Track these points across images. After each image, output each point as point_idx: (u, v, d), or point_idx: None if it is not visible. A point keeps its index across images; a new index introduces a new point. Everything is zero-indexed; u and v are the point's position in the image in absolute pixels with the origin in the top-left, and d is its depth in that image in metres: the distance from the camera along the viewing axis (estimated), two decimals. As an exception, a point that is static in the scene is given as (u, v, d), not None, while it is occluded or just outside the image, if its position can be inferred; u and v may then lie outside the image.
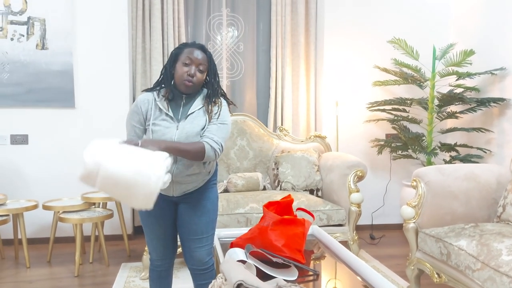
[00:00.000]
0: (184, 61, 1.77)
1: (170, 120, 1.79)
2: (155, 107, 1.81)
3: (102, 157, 1.52)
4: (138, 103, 1.83)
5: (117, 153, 1.54)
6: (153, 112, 1.80)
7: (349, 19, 3.96)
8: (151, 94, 1.84)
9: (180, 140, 1.75)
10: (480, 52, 3.58)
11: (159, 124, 1.78)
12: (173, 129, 1.77)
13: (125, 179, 1.50)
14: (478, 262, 1.98)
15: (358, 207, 3.05)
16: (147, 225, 1.93)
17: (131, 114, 1.83)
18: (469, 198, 2.51)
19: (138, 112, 1.81)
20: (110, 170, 1.50)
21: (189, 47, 1.80)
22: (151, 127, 1.78)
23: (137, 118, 1.81)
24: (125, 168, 1.51)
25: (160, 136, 1.77)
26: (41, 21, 3.49)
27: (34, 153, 3.59)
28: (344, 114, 3.97)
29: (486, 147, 3.54)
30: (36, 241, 3.56)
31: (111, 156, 1.52)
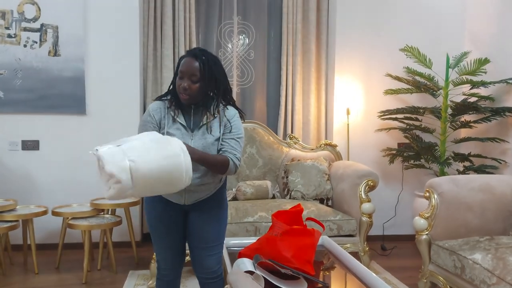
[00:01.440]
0: (179, 73, 1.76)
1: (184, 130, 1.79)
2: (168, 116, 1.79)
3: (126, 162, 1.46)
4: (150, 112, 1.81)
5: (135, 150, 1.50)
6: (166, 121, 1.79)
7: (361, 27, 3.93)
8: (163, 102, 1.83)
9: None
10: (495, 61, 3.51)
11: (173, 134, 1.77)
12: (188, 138, 1.78)
13: (159, 171, 1.49)
14: (494, 276, 1.92)
15: (369, 218, 3.00)
16: (157, 234, 1.91)
17: (144, 123, 1.81)
18: (484, 210, 2.44)
19: (152, 121, 1.79)
20: (141, 170, 1.46)
21: (183, 58, 1.78)
22: (166, 136, 1.75)
23: (151, 127, 1.79)
24: (154, 160, 1.49)
25: None
26: (54, 28, 3.53)
27: (44, 159, 3.61)
28: (355, 123, 3.92)
29: (501, 157, 3.46)
30: (45, 247, 3.57)
31: (134, 157, 1.48)
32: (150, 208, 1.90)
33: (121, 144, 1.53)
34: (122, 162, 1.45)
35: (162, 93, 3.71)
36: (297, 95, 4.01)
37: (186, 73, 1.73)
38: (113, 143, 1.55)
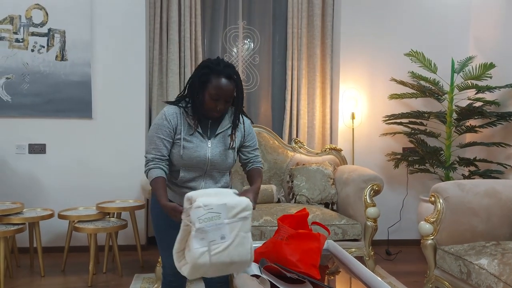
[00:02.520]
0: (212, 94, 1.71)
1: (201, 137, 1.79)
2: (184, 123, 1.78)
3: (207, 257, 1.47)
4: (167, 116, 1.77)
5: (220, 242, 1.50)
6: (183, 127, 1.78)
7: (366, 32, 3.94)
8: (178, 108, 1.80)
9: (214, 158, 1.79)
10: (500, 66, 3.51)
11: (191, 141, 1.77)
12: (205, 146, 1.79)
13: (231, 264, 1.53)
14: (500, 282, 1.91)
15: (374, 222, 3.00)
16: (165, 240, 1.88)
17: (159, 127, 1.77)
18: (490, 215, 2.44)
19: (168, 126, 1.77)
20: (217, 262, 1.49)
21: (216, 76, 1.71)
22: (183, 142, 1.77)
23: (167, 132, 1.77)
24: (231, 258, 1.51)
25: (193, 152, 1.77)
26: (61, 33, 3.56)
27: (51, 163, 3.64)
28: (360, 127, 3.93)
29: (507, 162, 3.45)
30: (51, 250, 3.59)
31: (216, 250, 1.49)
32: (159, 214, 1.86)
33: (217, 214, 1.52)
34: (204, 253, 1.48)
35: (167, 97, 3.79)
36: (302, 99, 4.02)
37: (223, 96, 1.72)
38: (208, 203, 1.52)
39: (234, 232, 1.51)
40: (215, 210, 1.50)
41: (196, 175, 1.80)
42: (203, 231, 1.47)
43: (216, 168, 1.82)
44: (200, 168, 1.79)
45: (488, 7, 3.78)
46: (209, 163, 1.79)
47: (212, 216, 1.50)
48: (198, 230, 1.46)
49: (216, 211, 1.50)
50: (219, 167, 1.83)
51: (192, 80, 1.78)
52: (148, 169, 1.75)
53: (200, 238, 1.47)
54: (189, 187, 1.80)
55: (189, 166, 1.78)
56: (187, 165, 1.78)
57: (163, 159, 1.77)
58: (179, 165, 1.79)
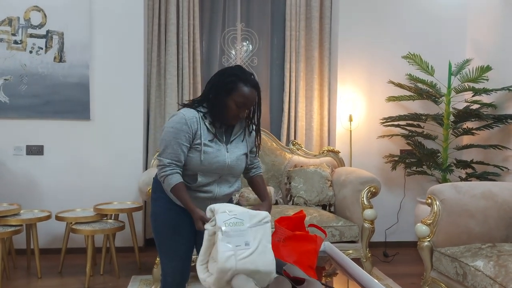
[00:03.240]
0: (238, 102, 1.72)
1: (219, 143, 1.80)
2: (203, 127, 1.77)
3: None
4: (187, 121, 1.74)
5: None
6: (202, 132, 1.76)
7: (363, 34, 3.96)
8: (197, 112, 1.77)
9: (231, 163, 1.81)
10: (497, 68, 3.53)
11: (211, 146, 1.77)
12: (224, 151, 1.80)
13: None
14: (496, 284, 1.92)
15: (372, 224, 3.00)
16: (171, 247, 1.85)
17: (178, 131, 1.72)
18: (486, 217, 2.44)
19: (188, 131, 1.73)
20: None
21: (243, 85, 1.72)
22: (203, 147, 1.75)
23: (186, 137, 1.73)
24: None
25: (213, 157, 1.76)
26: (59, 35, 3.57)
27: (49, 164, 3.64)
28: (358, 129, 3.94)
29: (504, 164, 3.47)
30: (48, 251, 3.58)
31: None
32: (164, 221, 1.84)
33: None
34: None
35: (165, 99, 3.80)
36: (300, 101, 4.03)
37: (248, 104, 1.75)
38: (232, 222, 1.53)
39: (257, 239, 1.54)
40: (238, 216, 1.54)
41: (212, 180, 1.80)
42: (229, 235, 1.50)
43: (232, 173, 1.84)
44: (217, 173, 1.80)
45: (485, 10, 3.80)
46: (227, 168, 1.80)
47: (236, 222, 1.53)
48: (225, 233, 1.49)
49: (239, 217, 1.54)
50: (235, 172, 1.85)
51: (216, 86, 1.76)
52: (166, 175, 1.72)
53: (226, 242, 1.49)
54: (203, 191, 1.80)
55: (207, 171, 1.78)
56: (205, 170, 1.77)
57: (179, 165, 1.75)
58: (197, 170, 1.77)
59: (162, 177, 1.75)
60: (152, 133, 3.86)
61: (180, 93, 3.87)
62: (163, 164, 1.74)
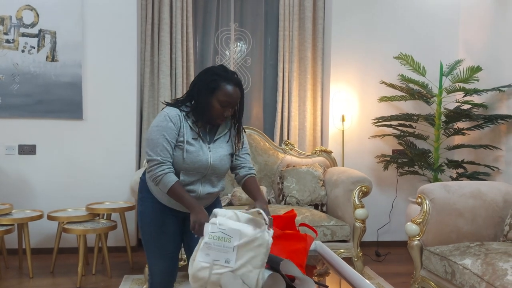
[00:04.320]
0: (221, 100, 1.71)
1: (202, 142, 1.79)
2: (186, 126, 1.76)
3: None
4: (171, 118, 1.74)
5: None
6: (185, 130, 1.75)
7: (356, 35, 3.98)
8: (180, 111, 1.77)
9: (214, 162, 1.79)
10: (488, 69, 3.56)
11: (193, 144, 1.76)
12: (207, 150, 1.79)
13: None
14: (483, 282, 1.94)
15: (363, 223, 3.02)
16: (158, 246, 1.86)
17: (164, 129, 1.72)
18: (475, 216, 2.47)
19: (173, 127, 1.73)
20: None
21: (225, 83, 1.71)
22: (186, 146, 1.74)
23: (172, 134, 1.73)
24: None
25: (195, 156, 1.76)
26: (52, 34, 3.56)
27: (41, 164, 3.63)
28: (350, 129, 3.96)
29: (494, 164, 3.50)
30: (40, 251, 3.57)
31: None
32: (152, 221, 1.85)
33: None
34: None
35: (158, 98, 3.80)
36: (293, 101, 4.05)
37: (232, 103, 1.73)
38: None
39: (241, 261, 1.50)
40: (227, 232, 1.50)
41: (195, 179, 1.80)
42: (210, 247, 1.49)
43: (215, 173, 1.83)
44: (200, 173, 1.79)
45: (477, 11, 3.83)
46: (210, 167, 1.79)
47: (223, 237, 1.50)
48: (205, 244, 1.49)
49: (228, 233, 1.50)
50: (218, 172, 1.83)
51: (199, 85, 1.75)
52: (163, 173, 1.70)
53: (205, 253, 1.49)
54: (187, 190, 1.79)
55: (189, 170, 1.77)
56: (188, 169, 1.76)
57: (171, 161, 1.73)
58: (179, 169, 1.76)
59: (159, 176, 1.70)
60: (145, 133, 3.86)
61: (174, 92, 3.87)
62: (158, 162, 1.70)
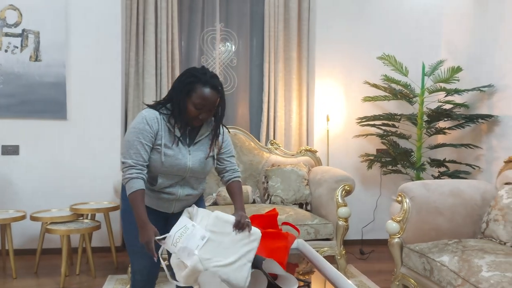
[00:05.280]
0: (196, 103, 1.70)
1: (181, 145, 1.77)
2: (165, 128, 1.75)
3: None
4: (148, 121, 1.72)
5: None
6: (163, 133, 1.74)
7: (341, 36, 4.02)
8: (158, 113, 1.75)
9: (194, 166, 1.79)
10: (469, 69, 3.62)
11: (172, 148, 1.74)
12: (186, 154, 1.77)
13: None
14: (459, 278, 1.98)
15: (346, 222, 3.05)
16: (139, 245, 1.82)
17: (141, 131, 1.71)
18: (454, 214, 2.51)
19: (150, 130, 1.71)
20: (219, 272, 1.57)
21: (201, 85, 1.69)
22: (164, 149, 1.73)
23: (148, 137, 1.71)
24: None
25: (174, 160, 1.74)
26: (35, 34, 3.54)
27: (24, 164, 3.60)
28: (335, 129, 3.99)
29: (475, 163, 3.56)
30: (24, 252, 3.55)
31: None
32: (131, 217, 1.81)
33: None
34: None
35: (143, 98, 3.79)
36: (279, 101, 4.07)
37: (207, 106, 1.71)
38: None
39: (237, 255, 1.62)
40: (179, 227, 1.60)
41: (174, 182, 1.79)
42: (184, 249, 1.56)
43: (195, 175, 1.82)
44: (179, 176, 1.79)
45: (459, 13, 3.89)
46: (189, 171, 1.78)
47: (181, 233, 1.58)
48: (179, 252, 1.57)
49: (180, 227, 1.60)
50: (198, 175, 1.83)
51: (177, 87, 1.74)
52: (130, 177, 1.68)
53: (186, 255, 1.55)
54: (166, 193, 1.80)
55: (168, 173, 1.76)
56: (166, 172, 1.76)
57: (144, 165, 1.72)
58: (158, 172, 1.76)
59: (126, 179, 1.70)
60: (130, 133, 3.84)
61: (159, 93, 3.87)
62: (129, 165, 1.70)
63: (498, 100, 3.39)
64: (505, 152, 3.15)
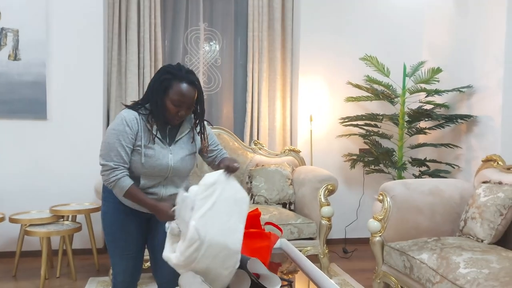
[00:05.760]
0: (173, 100, 1.68)
1: (161, 144, 1.76)
2: (144, 129, 1.73)
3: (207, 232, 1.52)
4: (127, 122, 1.70)
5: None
6: (143, 134, 1.72)
7: (324, 37, 4.04)
8: (137, 114, 1.73)
9: (175, 165, 1.77)
10: (450, 70, 3.69)
11: (152, 148, 1.73)
12: (167, 153, 1.76)
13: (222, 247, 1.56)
14: (438, 275, 2.01)
15: (329, 221, 3.08)
16: (121, 246, 1.85)
17: (120, 133, 1.69)
18: (434, 212, 2.56)
19: (130, 132, 1.70)
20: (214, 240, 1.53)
21: (178, 82, 1.69)
22: (144, 150, 1.72)
23: (128, 139, 1.69)
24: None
25: (155, 160, 1.73)
26: (14, 32, 3.47)
27: (3, 165, 3.53)
28: (319, 129, 4.02)
29: (455, 162, 3.63)
30: (2, 254, 3.48)
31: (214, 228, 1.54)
32: (114, 221, 1.84)
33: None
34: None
35: (126, 97, 3.76)
36: (263, 101, 4.08)
37: (185, 102, 1.70)
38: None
39: (231, 216, 1.59)
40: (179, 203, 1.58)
41: (155, 182, 1.78)
42: (182, 221, 1.54)
43: (177, 174, 1.81)
44: (161, 176, 1.78)
45: (441, 14, 3.95)
46: (171, 170, 1.77)
47: (179, 207, 1.57)
48: (180, 225, 1.56)
49: (179, 202, 1.58)
50: (180, 174, 1.82)
51: (153, 85, 1.73)
52: (117, 178, 1.67)
53: (186, 227, 1.52)
54: (149, 193, 1.78)
55: (149, 174, 1.75)
56: (147, 173, 1.75)
57: (126, 167, 1.70)
58: (139, 173, 1.75)
59: (112, 182, 1.68)
60: (112, 133, 3.80)
61: (141, 92, 3.83)
62: (110, 168, 1.68)
63: (477, 101, 3.46)
64: (483, 152, 3.22)
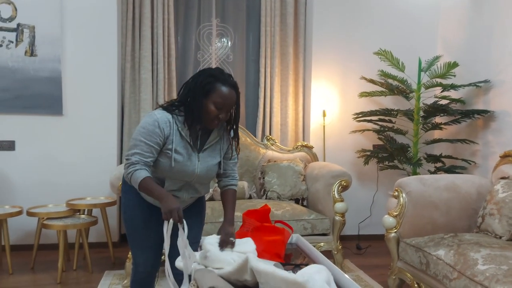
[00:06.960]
0: (216, 102, 1.67)
1: (190, 150, 1.75)
2: (176, 133, 1.72)
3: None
4: (160, 123, 1.68)
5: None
6: (175, 138, 1.71)
7: (337, 31, 4.01)
8: (171, 116, 1.72)
9: (201, 173, 1.78)
10: (465, 65, 3.63)
11: (181, 153, 1.73)
12: (195, 160, 1.76)
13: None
14: (455, 271, 1.99)
15: (342, 217, 3.06)
16: (143, 238, 1.87)
17: (150, 133, 1.68)
18: (450, 208, 2.53)
19: (160, 134, 1.68)
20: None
21: (221, 85, 1.68)
22: (173, 154, 1.71)
23: (156, 140, 1.68)
24: None
25: (182, 166, 1.73)
26: (31, 28, 3.52)
27: (20, 160, 3.59)
28: (331, 124, 4.00)
29: (471, 158, 3.57)
30: (20, 248, 3.54)
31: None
32: (136, 213, 1.85)
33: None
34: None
35: (139, 94, 3.78)
36: (275, 97, 4.07)
37: (227, 105, 1.69)
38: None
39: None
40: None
41: (179, 185, 1.80)
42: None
43: (200, 181, 1.83)
44: (185, 180, 1.79)
45: (456, 9, 3.89)
46: (196, 177, 1.79)
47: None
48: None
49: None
50: (203, 181, 1.84)
51: (194, 87, 1.71)
52: (133, 170, 1.67)
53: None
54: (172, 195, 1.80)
55: (175, 177, 1.76)
56: (173, 176, 1.76)
57: (148, 164, 1.70)
58: (165, 175, 1.75)
59: (129, 174, 1.69)
60: (126, 128, 3.83)
61: (155, 88, 3.86)
62: (131, 162, 1.69)
63: (494, 96, 3.40)
64: (501, 147, 3.17)
